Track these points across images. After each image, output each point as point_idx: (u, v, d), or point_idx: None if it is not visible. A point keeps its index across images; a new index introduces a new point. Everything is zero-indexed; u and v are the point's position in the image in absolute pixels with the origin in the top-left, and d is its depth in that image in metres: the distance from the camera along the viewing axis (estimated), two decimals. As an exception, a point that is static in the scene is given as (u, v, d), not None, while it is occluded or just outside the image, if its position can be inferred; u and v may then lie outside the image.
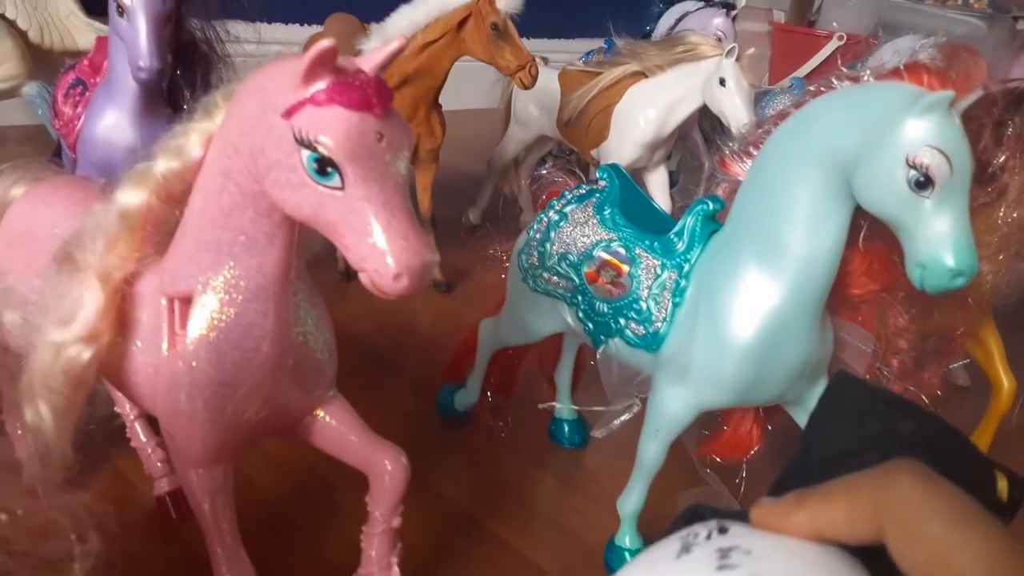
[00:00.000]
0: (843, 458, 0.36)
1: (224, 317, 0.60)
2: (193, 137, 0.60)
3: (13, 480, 0.48)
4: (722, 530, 0.29)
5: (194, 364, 0.61)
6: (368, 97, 0.51)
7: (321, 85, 0.51)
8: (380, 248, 0.51)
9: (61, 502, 0.42)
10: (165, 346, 0.63)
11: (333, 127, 0.50)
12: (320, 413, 0.73)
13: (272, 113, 0.52)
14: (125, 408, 0.94)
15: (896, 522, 0.26)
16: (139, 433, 0.94)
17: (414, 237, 0.51)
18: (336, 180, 0.51)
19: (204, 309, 0.61)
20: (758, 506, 0.30)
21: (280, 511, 0.97)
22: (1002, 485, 0.35)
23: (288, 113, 0.51)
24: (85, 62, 1.24)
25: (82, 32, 1.95)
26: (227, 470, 0.69)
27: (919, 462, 0.28)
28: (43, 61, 1.90)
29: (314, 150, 0.50)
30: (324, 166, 0.51)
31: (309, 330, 0.68)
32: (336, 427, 0.73)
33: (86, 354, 0.63)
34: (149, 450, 0.94)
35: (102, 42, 1.20)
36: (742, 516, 0.32)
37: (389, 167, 0.52)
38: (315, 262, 0.71)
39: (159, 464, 0.93)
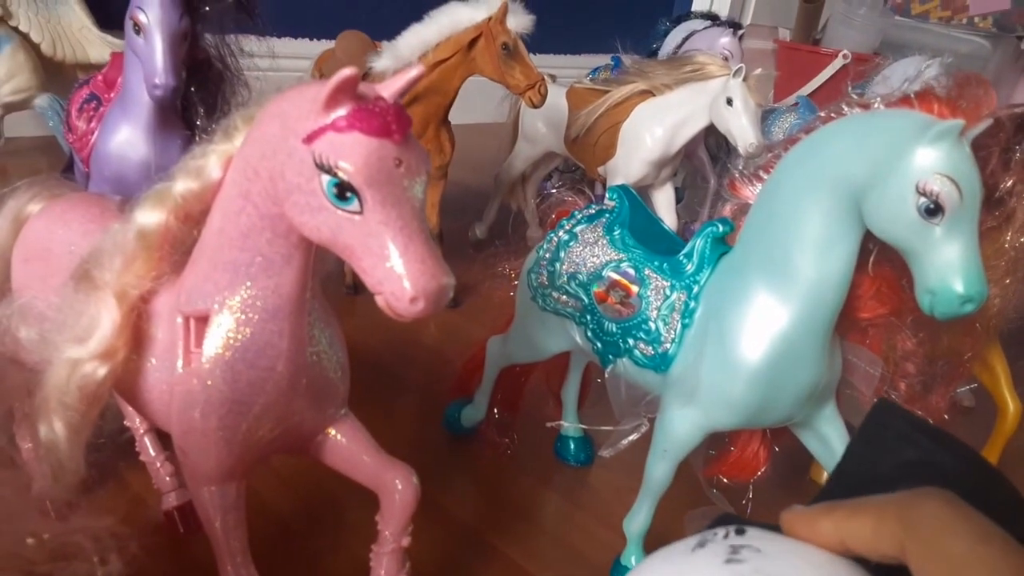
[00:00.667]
0: (877, 485, 0.37)
1: (240, 336, 0.61)
2: (213, 159, 0.61)
3: (41, 505, 0.49)
4: (740, 531, 0.31)
5: (209, 383, 0.62)
6: (387, 124, 0.51)
7: (342, 112, 0.52)
8: (397, 272, 0.51)
9: (85, 525, 0.43)
10: (180, 364, 0.64)
11: (353, 153, 0.51)
12: (332, 432, 0.73)
13: (293, 138, 0.53)
14: (135, 422, 0.94)
15: (918, 540, 0.26)
16: (148, 447, 0.95)
17: (431, 261, 0.52)
18: (355, 205, 0.52)
19: (220, 328, 0.61)
20: (788, 511, 0.31)
21: (289, 527, 0.97)
22: None
23: (309, 139, 0.52)
24: (99, 77, 1.26)
25: (94, 45, 1.97)
26: (239, 487, 0.69)
27: (951, 492, 0.28)
28: (55, 74, 1.92)
29: (334, 175, 0.51)
30: (343, 191, 0.51)
31: (323, 349, 0.68)
32: (347, 446, 0.73)
33: (101, 371, 0.64)
34: (158, 464, 0.94)
35: (117, 58, 1.21)
36: (771, 527, 0.32)
37: (407, 192, 0.53)
38: (323, 276, 0.72)
39: (168, 478, 0.93)
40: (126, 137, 1.13)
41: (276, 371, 0.63)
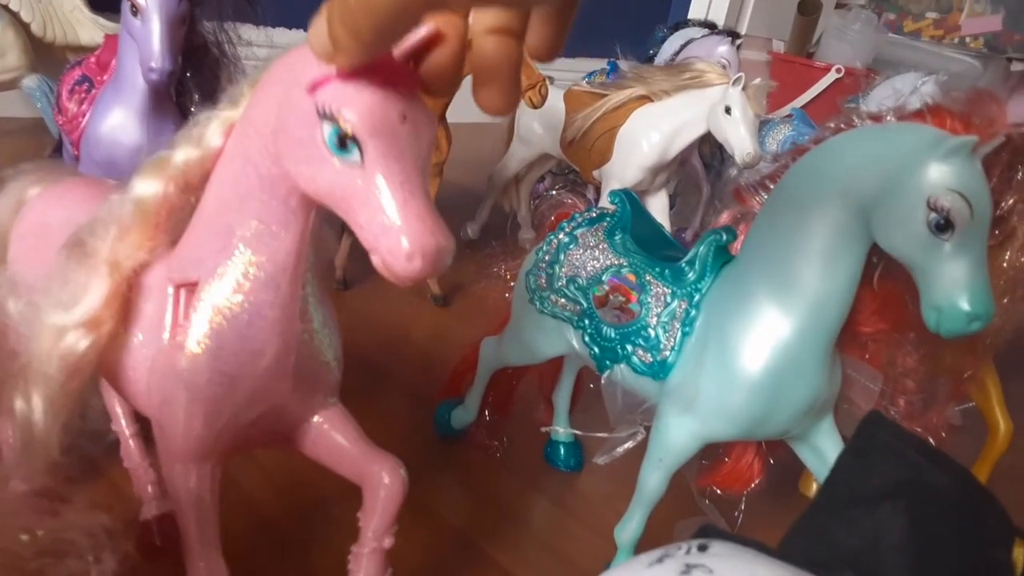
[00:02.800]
0: (864, 503, 0.36)
1: (230, 304, 0.59)
2: (214, 125, 0.59)
3: (34, 501, 0.47)
4: (702, 548, 0.30)
5: (193, 351, 0.60)
6: (394, 75, 0.49)
7: None
8: (395, 227, 0.49)
9: (79, 522, 0.41)
10: (167, 336, 0.62)
11: (356, 101, 0.48)
12: (318, 419, 0.70)
13: (297, 89, 0.51)
14: (121, 424, 0.91)
15: None
16: (132, 453, 0.91)
17: (431, 219, 0.49)
18: (355, 155, 0.49)
19: (210, 295, 0.59)
20: None
21: (271, 522, 0.95)
22: (1018, 553, 0.34)
23: (313, 87, 0.50)
24: (92, 59, 1.23)
25: (85, 27, 1.93)
26: (215, 471, 0.66)
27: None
28: (45, 55, 1.88)
29: (336, 123, 0.49)
30: (345, 140, 0.49)
31: (316, 328, 0.66)
32: (333, 435, 0.70)
33: (84, 342, 0.61)
34: (141, 471, 0.91)
35: (111, 40, 1.19)
36: (746, 542, 0.32)
37: (410, 147, 0.50)
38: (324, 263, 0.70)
39: (149, 487, 0.90)
40: (118, 121, 1.11)
41: (265, 342, 0.61)
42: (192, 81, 1.14)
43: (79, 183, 0.77)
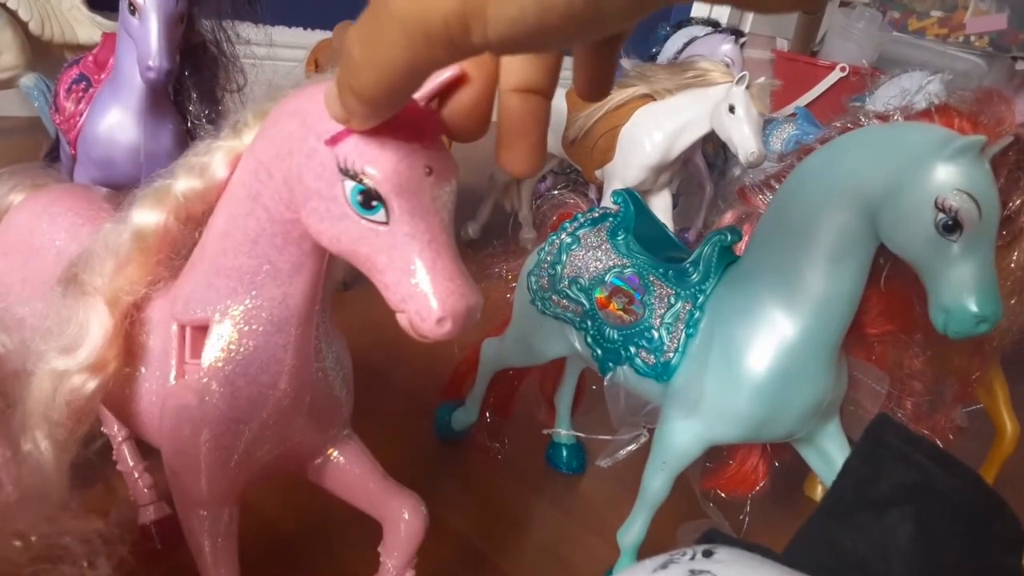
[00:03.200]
0: (872, 508, 0.35)
1: (242, 349, 0.57)
2: (219, 156, 0.57)
3: (27, 506, 0.46)
4: (707, 553, 0.29)
5: (205, 398, 0.58)
6: (419, 128, 0.47)
7: None
8: (423, 290, 0.47)
9: (73, 527, 0.40)
10: (173, 375, 0.59)
11: (381, 158, 0.46)
12: (334, 454, 0.68)
13: (314, 139, 0.48)
14: (112, 429, 0.89)
15: None
16: (126, 456, 0.90)
17: (460, 279, 0.48)
18: (381, 214, 0.47)
19: (220, 339, 0.57)
20: None
21: (286, 539, 0.94)
22: None
23: (333, 140, 0.47)
24: (90, 58, 1.22)
25: (83, 26, 1.92)
26: (232, 512, 0.64)
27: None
28: (42, 53, 1.87)
29: (359, 181, 0.47)
30: (369, 199, 0.47)
31: (329, 366, 0.64)
32: (350, 469, 0.68)
33: (91, 384, 0.58)
34: (136, 475, 0.89)
35: (109, 39, 1.18)
36: (752, 547, 0.31)
37: (436, 202, 0.48)
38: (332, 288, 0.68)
39: (146, 490, 0.89)
40: (116, 120, 1.10)
41: (279, 388, 0.59)
42: (190, 80, 1.13)
43: (64, 193, 0.73)
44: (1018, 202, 0.92)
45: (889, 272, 0.78)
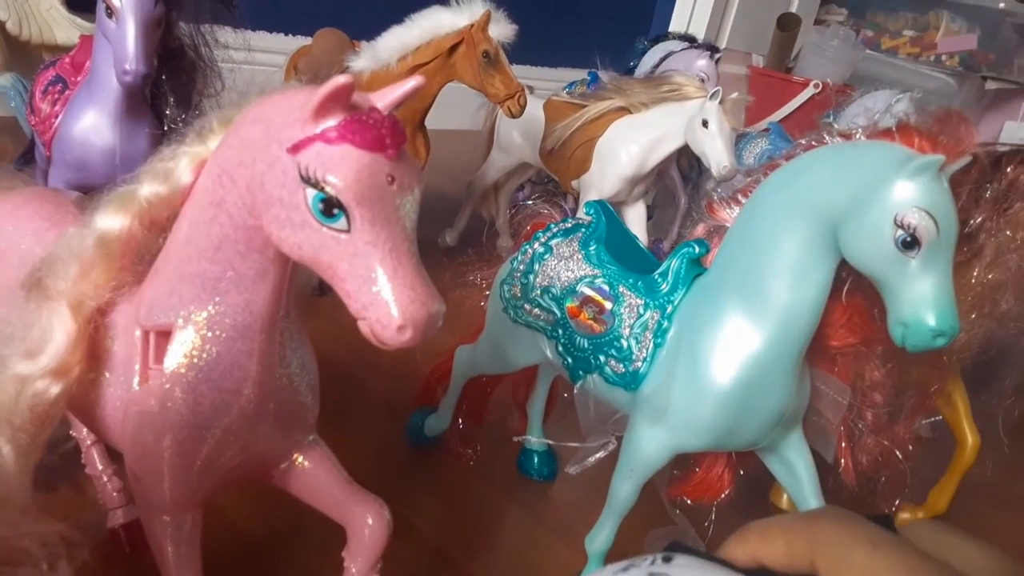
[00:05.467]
0: None
1: (205, 355, 0.57)
2: (184, 161, 0.57)
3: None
4: (666, 559, 0.31)
5: (168, 404, 0.58)
6: (382, 137, 0.48)
7: (332, 122, 0.48)
8: (384, 298, 0.48)
9: (33, 530, 0.40)
10: (137, 381, 0.59)
11: (343, 167, 0.47)
12: (299, 459, 0.69)
13: (276, 146, 0.49)
14: (81, 432, 0.89)
15: (824, 555, 0.30)
16: (95, 460, 0.90)
17: (421, 287, 0.49)
18: (342, 222, 0.48)
19: (183, 345, 0.57)
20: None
21: (244, 536, 0.94)
22: None
23: (295, 148, 0.48)
24: (67, 60, 1.22)
25: (62, 27, 1.91)
26: (195, 517, 0.64)
27: (842, 508, 0.32)
28: (20, 53, 1.86)
29: (321, 190, 0.47)
30: (330, 207, 0.48)
31: (294, 371, 0.64)
32: (314, 475, 0.68)
33: (54, 389, 0.58)
34: (105, 478, 0.89)
35: (86, 41, 1.18)
36: (719, 560, 0.32)
37: (398, 211, 0.49)
38: (297, 291, 0.68)
39: (115, 494, 0.88)
40: (91, 123, 1.10)
41: (242, 394, 0.59)
42: (168, 84, 1.13)
43: (32, 196, 0.72)
44: (979, 219, 0.95)
45: (851, 286, 0.80)
